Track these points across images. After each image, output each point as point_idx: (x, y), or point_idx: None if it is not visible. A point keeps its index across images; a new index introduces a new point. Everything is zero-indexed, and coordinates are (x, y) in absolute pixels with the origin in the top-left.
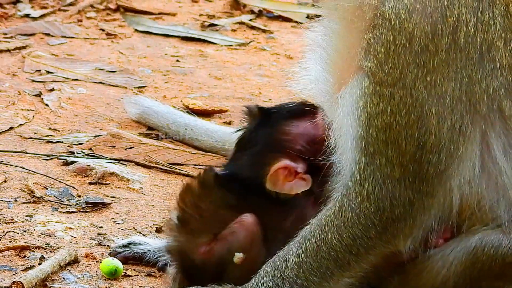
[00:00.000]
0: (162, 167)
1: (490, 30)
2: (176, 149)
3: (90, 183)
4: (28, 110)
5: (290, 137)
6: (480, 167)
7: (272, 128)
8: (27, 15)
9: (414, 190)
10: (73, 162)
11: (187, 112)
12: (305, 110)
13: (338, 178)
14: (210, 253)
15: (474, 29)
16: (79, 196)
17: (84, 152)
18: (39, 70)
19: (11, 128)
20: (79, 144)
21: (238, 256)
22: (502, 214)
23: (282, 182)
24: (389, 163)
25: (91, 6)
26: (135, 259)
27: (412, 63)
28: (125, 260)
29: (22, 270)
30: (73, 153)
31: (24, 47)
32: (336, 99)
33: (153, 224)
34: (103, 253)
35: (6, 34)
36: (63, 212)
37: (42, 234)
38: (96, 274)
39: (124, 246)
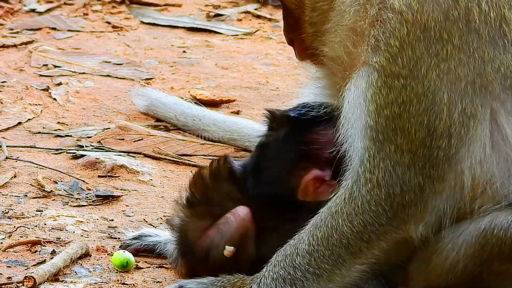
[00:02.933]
0: (171, 159)
1: (500, 4)
2: (185, 140)
3: (99, 176)
4: (36, 104)
5: (318, 145)
6: (491, 146)
7: (301, 138)
8: (33, 10)
9: (425, 175)
10: (82, 156)
11: (195, 103)
12: (329, 114)
13: (347, 166)
14: (204, 239)
15: (487, 7)
16: (89, 189)
17: (93, 145)
18: (46, 65)
19: (19, 123)
20: (88, 137)
21: (228, 250)
22: None
23: (313, 191)
24: (398, 150)
25: None
26: (146, 251)
27: (426, 53)
28: (136, 253)
29: (33, 265)
30: (82, 146)
31: (30, 42)
32: (341, 93)
33: (164, 216)
34: (114, 246)
35: (12, 29)
36: (74, 206)
37: (53, 229)
38: (108, 267)
39: (135, 238)
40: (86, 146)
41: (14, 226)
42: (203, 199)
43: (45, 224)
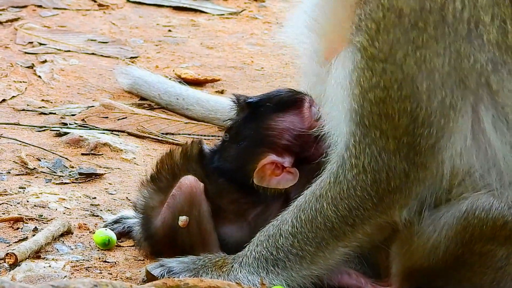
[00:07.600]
0: (155, 137)
1: (477, 6)
2: (169, 119)
3: (83, 154)
4: (20, 82)
5: (276, 132)
6: (472, 138)
7: (258, 123)
8: None
9: (409, 162)
10: (66, 133)
11: (179, 82)
12: (292, 102)
13: (331, 150)
14: (160, 216)
15: (461, 5)
16: (72, 167)
17: (76, 123)
18: (32, 42)
19: (3, 100)
20: (72, 115)
21: (182, 219)
22: (494, 182)
23: (269, 177)
24: (383, 136)
25: None
26: (128, 233)
27: (402, 39)
28: (119, 236)
29: (15, 242)
30: (66, 124)
31: (16, 19)
32: (327, 69)
33: None
34: (96, 224)
35: None
36: (56, 184)
37: (35, 206)
38: (90, 245)
39: (116, 222)
40: (70, 124)
41: None
42: (169, 175)
43: (27, 201)
